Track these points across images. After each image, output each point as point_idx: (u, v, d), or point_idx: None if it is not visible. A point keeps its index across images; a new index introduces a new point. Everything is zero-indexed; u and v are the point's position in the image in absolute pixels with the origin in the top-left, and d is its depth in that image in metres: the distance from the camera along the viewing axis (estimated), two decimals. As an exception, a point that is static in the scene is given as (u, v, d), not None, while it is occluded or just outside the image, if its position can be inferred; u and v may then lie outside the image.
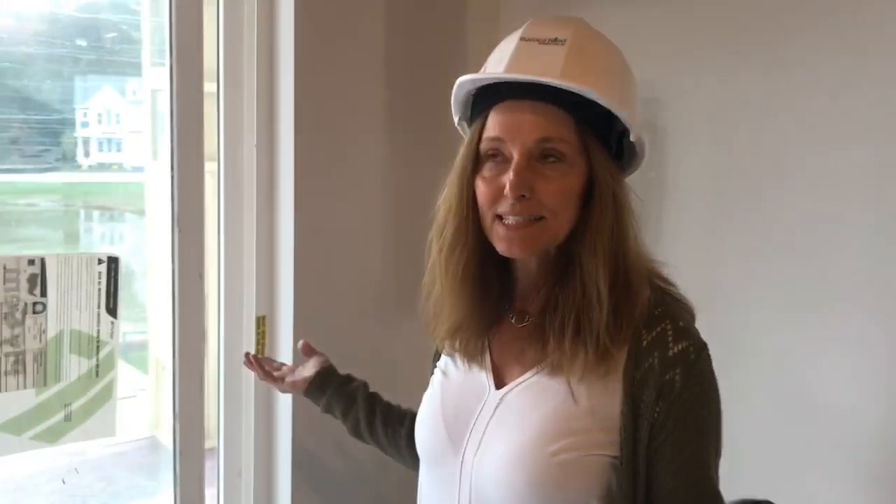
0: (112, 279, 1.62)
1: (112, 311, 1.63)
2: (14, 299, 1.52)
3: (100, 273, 1.61)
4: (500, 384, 1.11)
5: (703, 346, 1.05)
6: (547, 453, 1.01)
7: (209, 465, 1.86)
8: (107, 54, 1.84)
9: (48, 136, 3.46)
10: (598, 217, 1.04)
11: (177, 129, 1.64)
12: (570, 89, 1.00)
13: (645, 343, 1.02)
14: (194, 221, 1.67)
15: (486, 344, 1.14)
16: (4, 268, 1.51)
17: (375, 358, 1.73)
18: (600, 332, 1.01)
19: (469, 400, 1.12)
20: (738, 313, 1.61)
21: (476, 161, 1.06)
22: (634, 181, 1.55)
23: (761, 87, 1.57)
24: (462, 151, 1.09)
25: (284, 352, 1.76)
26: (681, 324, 1.04)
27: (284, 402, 1.79)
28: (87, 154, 2.15)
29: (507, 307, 1.14)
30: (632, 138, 1.08)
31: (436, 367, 1.24)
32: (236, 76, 1.74)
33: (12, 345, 1.53)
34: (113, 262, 1.62)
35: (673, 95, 1.68)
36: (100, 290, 1.61)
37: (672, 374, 1.00)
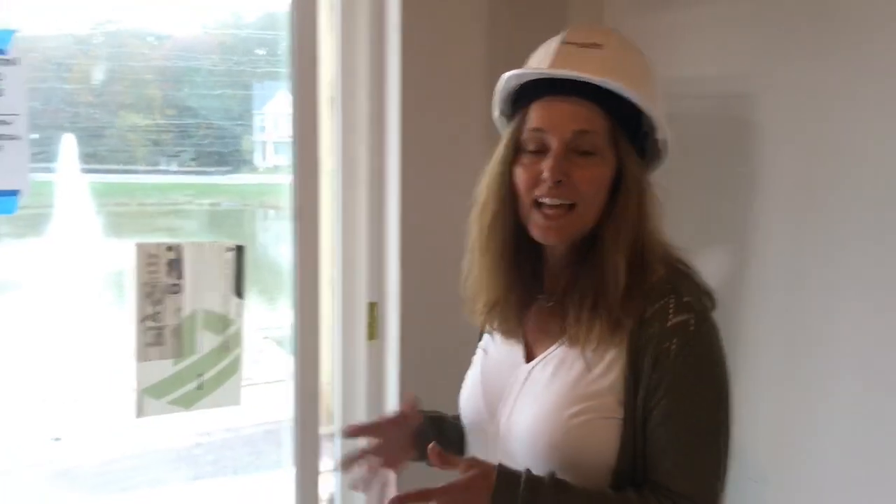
0: (239, 265, 1.83)
1: (239, 293, 1.84)
2: (155, 281, 1.76)
3: (229, 259, 1.82)
4: (530, 358, 1.23)
5: (704, 320, 1.13)
6: (564, 417, 1.13)
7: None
8: (282, 64, 1.96)
9: (230, 141, 3.82)
10: (623, 206, 1.15)
11: (297, 133, 1.83)
12: (607, 86, 1.12)
13: (648, 315, 1.12)
14: (311, 214, 1.85)
15: (521, 321, 1.24)
16: (147, 254, 1.75)
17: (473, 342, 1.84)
18: (613, 306, 1.12)
19: (504, 374, 1.24)
20: (826, 306, 1.58)
21: (516, 151, 1.18)
22: (723, 176, 1.59)
23: (854, 81, 1.54)
24: (503, 142, 1.20)
25: (391, 335, 1.91)
26: (685, 298, 1.13)
27: (392, 388, 1.94)
28: (263, 157, 2.32)
29: (538, 288, 1.25)
30: (658, 136, 1.19)
31: (479, 347, 1.35)
32: (352, 87, 1.92)
33: (154, 320, 1.77)
34: (240, 250, 1.83)
35: (764, 90, 1.67)
36: (228, 274, 1.82)
37: (668, 343, 1.10)
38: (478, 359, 1.33)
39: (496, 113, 1.28)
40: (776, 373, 1.67)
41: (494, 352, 1.29)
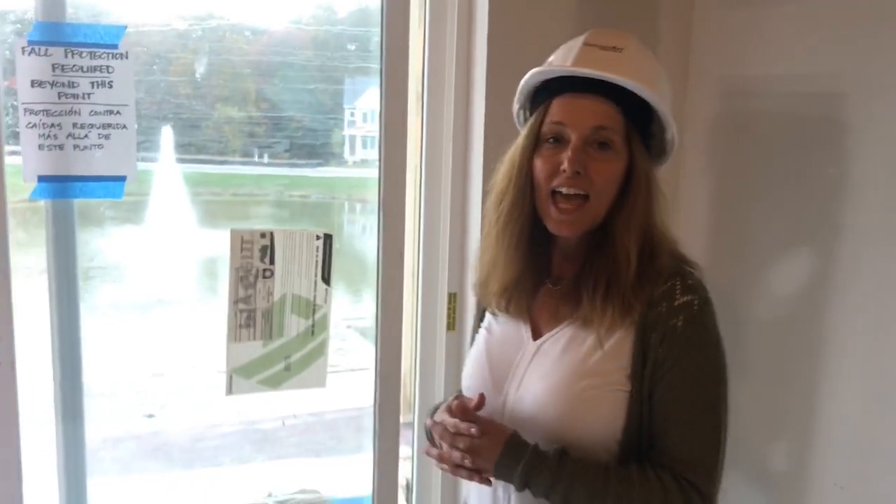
0: (327, 253, 1.90)
1: (326, 279, 1.91)
2: (248, 265, 1.85)
3: (317, 247, 1.90)
4: (536, 336, 1.31)
5: (706, 302, 1.23)
6: (577, 389, 1.22)
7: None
8: (373, 60, 2.01)
9: (321, 134, 3.92)
10: (633, 199, 1.23)
11: (384, 128, 1.89)
12: (629, 87, 1.20)
13: (657, 296, 1.21)
14: (397, 207, 1.91)
15: (529, 303, 1.32)
16: (242, 239, 1.84)
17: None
18: (626, 292, 1.21)
19: (510, 350, 1.32)
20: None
21: (536, 142, 1.25)
22: (812, 176, 1.59)
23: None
24: (524, 134, 1.28)
25: (469, 325, 1.95)
26: (689, 282, 1.23)
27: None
28: (352, 151, 2.38)
29: (545, 273, 1.33)
30: (668, 136, 1.28)
31: (480, 326, 1.42)
32: (439, 82, 1.97)
33: (245, 303, 1.86)
34: (328, 238, 1.90)
35: (856, 89, 1.64)
36: (317, 261, 1.90)
37: (675, 320, 1.19)
38: (481, 337, 1.40)
39: (516, 107, 1.36)
40: (862, 374, 1.64)
41: (498, 331, 1.37)
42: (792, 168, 1.79)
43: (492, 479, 1.23)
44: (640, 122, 1.25)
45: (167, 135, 2.93)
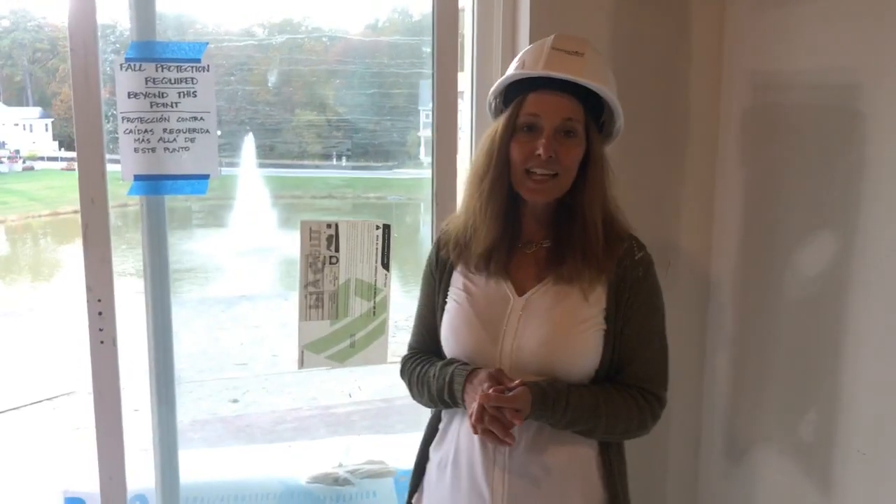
0: (386, 241, 2.10)
1: (386, 265, 2.11)
2: (317, 252, 2.06)
3: (377, 236, 2.10)
4: (521, 293, 1.54)
5: (650, 254, 1.57)
6: (575, 332, 1.50)
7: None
8: None
9: (396, 137, 4.11)
10: (592, 177, 1.51)
11: (436, 129, 2.09)
12: (592, 87, 1.46)
13: (621, 253, 1.53)
14: (448, 199, 2.10)
15: (508, 264, 1.56)
16: (310, 230, 2.06)
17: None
18: (598, 254, 1.50)
19: (497, 306, 1.54)
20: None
21: (513, 131, 1.49)
22: (832, 163, 1.74)
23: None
24: (502, 123, 1.51)
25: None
26: (639, 241, 1.57)
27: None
28: (427, 152, 2.54)
29: (516, 239, 1.57)
30: (617, 125, 1.57)
31: (447, 288, 1.62)
32: (486, 84, 2.14)
33: (314, 286, 2.07)
34: (387, 228, 2.10)
35: (873, 81, 1.74)
36: (377, 249, 2.10)
37: (637, 271, 1.54)
38: (461, 299, 1.59)
39: (491, 98, 1.59)
40: (880, 351, 1.74)
41: (479, 291, 1.57)
42: (817, 156, 1.91)
43: None
44: (594, 113, 1.52)
45: (249, 141, 3.16)
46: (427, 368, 1.62)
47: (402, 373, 1.72)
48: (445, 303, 1.62)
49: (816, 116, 1.91)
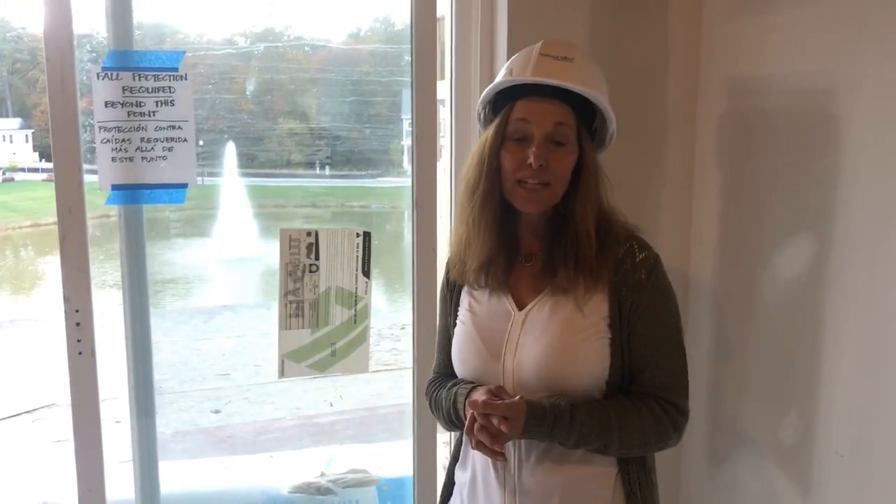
0: (366, 249, 2.10)
1: (366, 273, 2.11)
2: (297, 261, 2.06)
3: (357, 244, 2.10)
4: (521, 307, 1.50)
5: (657, 256, 1.49)
6: (569, 344, 1.44)
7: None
8: None
9: (379, 145, 4.10)
10: (585, 184, 1.46)
11: (416, 137, 2.09)
12: (583, 93, 1.42)
13: (620, 255, 1.47)
14: (429, 205, 2.10)
15: (506, 278, 1.52)
16: (290, 238, 2.05)
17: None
18: (591, 262, 1.45)
19: (498, 322, 1.51)
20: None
21: (502, 140, 1.45)
22: (809, 167, 1.76)
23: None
24: (491, 132, 1.48)
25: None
26: (643, 241, 1.50)
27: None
28: (411, 160, 2.55)
29: (515, 251, 1.53)
30: (610, 131, 1.52)
31: (456, 310, 1.60)
32: (465, 91, 2.15)
33: (294, 295, 2.07)
34: (367, 235, 2.10)
35: (847, 86, 1.76)
36: (358, 256, 2.10)
37: (639, 274, 1.46)
38: (465, 318, 1.57)
39: (479, 108, 1.56)
40: (857, 354, 1.76)
41: (482, 309, 1.55)
42: (793, 160, 1.92)
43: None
44: (586, 119, 1.48)
45: (231, 150, 3.15)
46: (440, 392, 1.61)
47: (426, 397, 1.69)
48: (456, 325, 1.61)
49: (793, 121, 1.93)
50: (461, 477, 1.61)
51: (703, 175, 2.24)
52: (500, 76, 1.51)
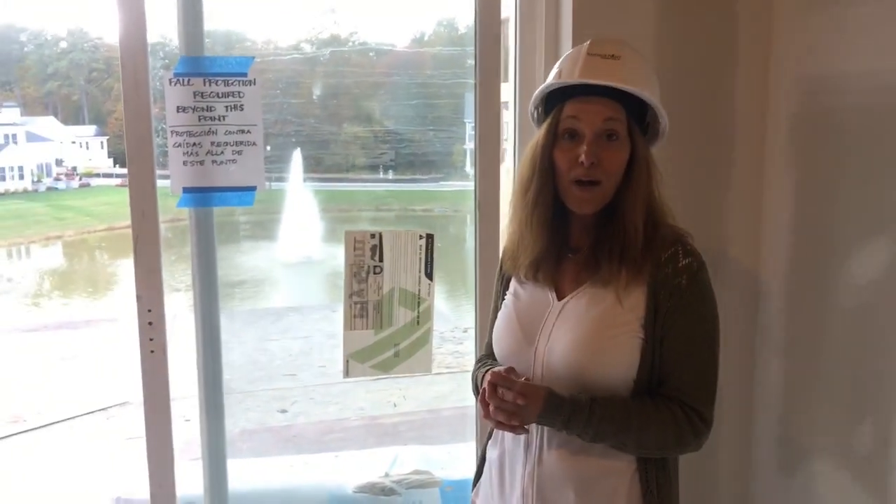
0: (429, 251, 2.11)
1: (429, 275, 2.12)
2: (361, 262, 2.08)
3: (420, 246, 2.11)
4: (560, 298, 1.53)
5: (702, 264, 1.48)
6: (600, 338, 1.46)
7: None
8: None
9: (443, 148, 4.13)
10: (636, 180, 1.47)
11: (479, 139, 2.10)
12: (630, 91, 1.43)
13: (663, 259, 1.46)
14: (491, 208, 2.11)
15: (554, 271, 1.55)
16: (355, 240, 2.08)
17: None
18: (636, 257, 1.45)
19: (537, 309, 1.54)
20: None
21: (554, 138, 1.48)
22: (886, 168, 1.70)
23: None
24: (542, 132, 1.50)
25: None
26: (688, 247, 1.48)
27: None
28: (473, 164, 2.57)
29: (565, 246, 1.55)
30: (662, 125, 1.52)
31: (504, 294, 1.64)
32: (529, 94, 2.14)
33: (359, 296, 2.09)
34: (430, 238, 2.11)
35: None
36: (420, 258, 2.11)
37: (679, 279, 1.45)
38: (509, 303, 1.62)
39: (531, 108, 1.59)
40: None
41: (525, 295, 1.58)
42: (870, 160, 1.87)
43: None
44: (637, 114, 1.49)
45: (297, 155, 3.21)
46: (478, 372, 1.66)
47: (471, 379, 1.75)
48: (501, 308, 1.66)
49: (869, 120, 1.87)
50: (492, 453, 1.65)
51: (774, 177, 2.19)
52: (550, 76, 1.53)
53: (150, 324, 1.98)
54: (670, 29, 2.11)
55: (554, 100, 1.51)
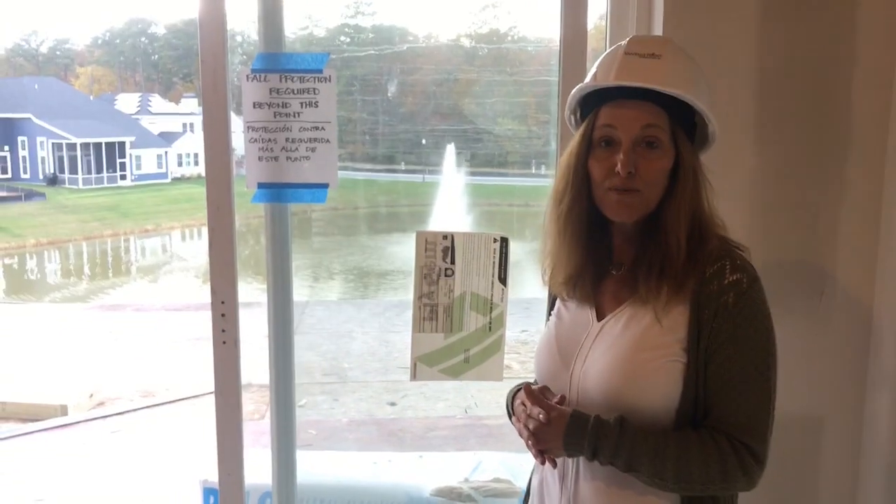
0: (503, 255, 2.03)
1: (503, 280, 2.04)
2: (432, 264, 2.03)
3: (494, 249, 2.03)
4: (600, 317, 1.42)
5: (754, 280, 1.32)
6: (636, 361, 1.33)
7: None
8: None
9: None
10: (681, 190, 1.34)
11: (560, 140, 1.99)
12: (668, 92, 1.30)
13: (708, 274, 1.32)
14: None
15: (595, 289, 1.42)
16: (426, 241, 2.03)
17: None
18: (677, 272, 1.32)
19: (577, 331, 1.44)
20: None
21: (589, 146, 1.35)
22: None
23: None
24: (576, 140, 1.37)
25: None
26: (737, 262, 1.33)
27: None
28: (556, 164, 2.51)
29: (608, 260, 1.42)
30: (710, 130, 1.38)
31: (551, 313, 1.54)
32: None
33: (429, 298, 2.04)
34: (504, 241, 2.03)
35: None
36: (494, 262, 2.03)
37: (726, 297, 1.30)
38: (551, 323, 1.53)
39: (567, 113, 1.47)
40: None
41: (567, 315, 1.48)
42: None
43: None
44: (683, 117, 1.34)
45: (450, 151, 3.23)
46: (509, 394, 1.59)
47: None
48: None
49: None
50: (534, 481, 1.57)
51: (895, 195, 1.95)
52: (587, 77, 1.40)
53: (223, 315, 2.03)
54: (774, 32, 1.94)
55: (591, 103, 1.38)
